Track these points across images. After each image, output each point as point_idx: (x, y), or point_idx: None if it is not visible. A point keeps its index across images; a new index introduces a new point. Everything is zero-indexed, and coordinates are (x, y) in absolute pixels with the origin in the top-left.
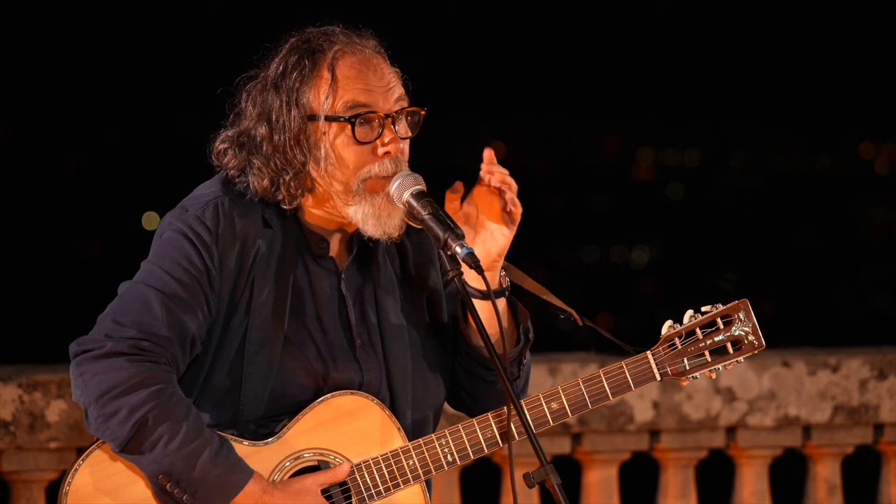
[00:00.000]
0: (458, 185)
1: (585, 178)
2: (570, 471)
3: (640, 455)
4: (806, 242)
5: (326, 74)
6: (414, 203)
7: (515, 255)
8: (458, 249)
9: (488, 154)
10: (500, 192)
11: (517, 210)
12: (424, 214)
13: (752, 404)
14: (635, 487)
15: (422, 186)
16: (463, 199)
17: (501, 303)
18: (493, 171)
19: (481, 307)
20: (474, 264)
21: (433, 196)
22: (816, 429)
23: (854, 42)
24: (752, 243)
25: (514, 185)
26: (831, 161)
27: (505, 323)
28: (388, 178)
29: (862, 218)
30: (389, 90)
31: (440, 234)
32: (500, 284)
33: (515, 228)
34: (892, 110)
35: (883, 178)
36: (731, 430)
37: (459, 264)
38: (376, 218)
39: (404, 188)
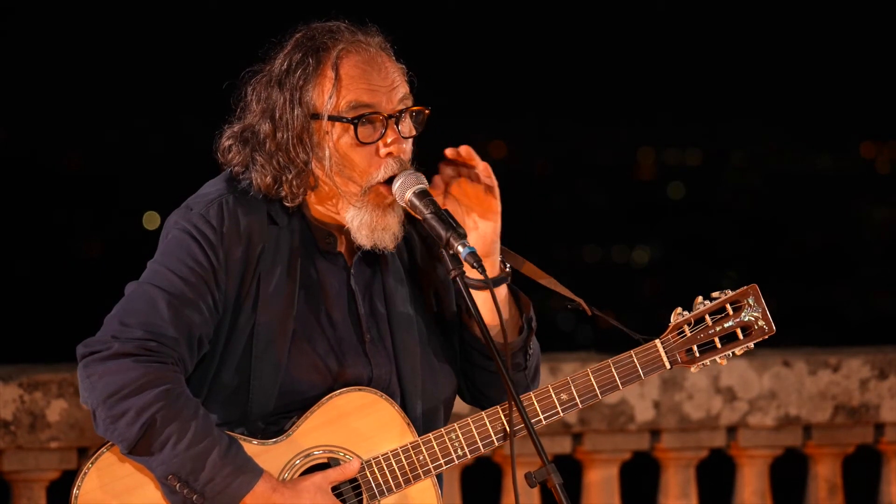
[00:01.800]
0: (437, 181)
1: (586, 177)
2: (570, 470)
3: (641, 455)
4: (807, 242)
5: (330, 73)
6: (416, 202)
7: (517, 254)
8: (460, 249)
9: (466, 151)
10: (480, 180)
11: (495, 187)
12: (427, 213)
13: (753, 404)
14: (636, 487)
15: (424, 185)
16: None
17: (503, 290)
18: (474, 163)
19: (482, 299)
20: (477, 263)
21: None
22: (817, 428)
23: (854, 42)
24: (753, 243)
25: (489, 168)
26: (832, 160)
27: (506, 312)
28: (390, 182)
29: (863, 217)
30: (393, 90)
31: (442, 233)
32: (501, 270)
33: (499, 205)
34: (893, 110)
35: (884, 178)
36: (731, 430)
37: (462, 263)
38: (370, 229)
39: (406, 187)
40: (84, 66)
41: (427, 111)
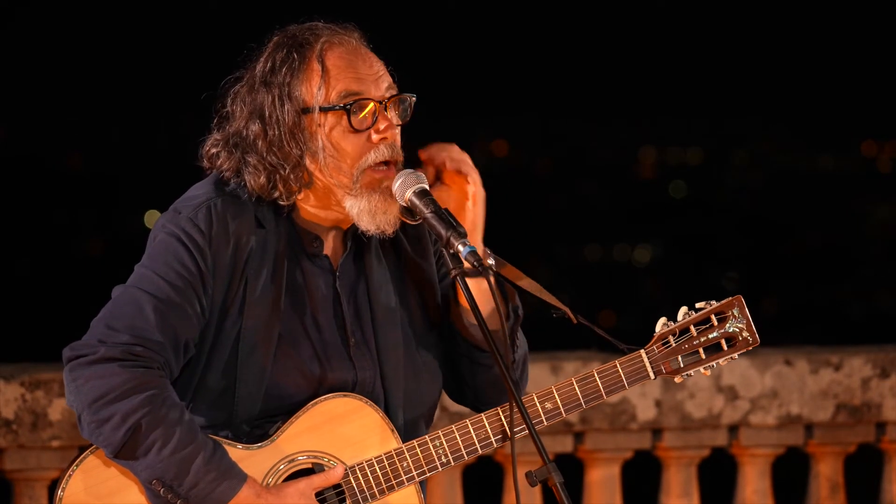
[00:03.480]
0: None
1: (587, 176)
2: (572, 469)
3: (643, 453)
4: (808, 241)
5: (317, 66)
6: (416, 201)
7: (518, 253)
8: (460, 248)
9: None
10: (462, 172)
11: (477, 178)
12: (427, 213)
13: (755, 403)
14: (637, 486)
15: (424, 185)
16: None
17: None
18: (447, 156)
19: (471, 288)
20: (477, 262)
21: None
22: (819, 427)
23: (856, 40)
24: (755, 242)
25: (468, 159)
26: (833, 159)
27: (492, 301)
28: (385, 165)
29: (864, 216)
30: (379, 78)
31: (442, 232)
32: (484, 258)
33: (474, 189)
34: (894, 109)
35: (885, 177)
36: (733, 429)
37: (462, 262)
38: (371, 214)
39: (406, 186)
40: (85, 65)
41: (413, 98)
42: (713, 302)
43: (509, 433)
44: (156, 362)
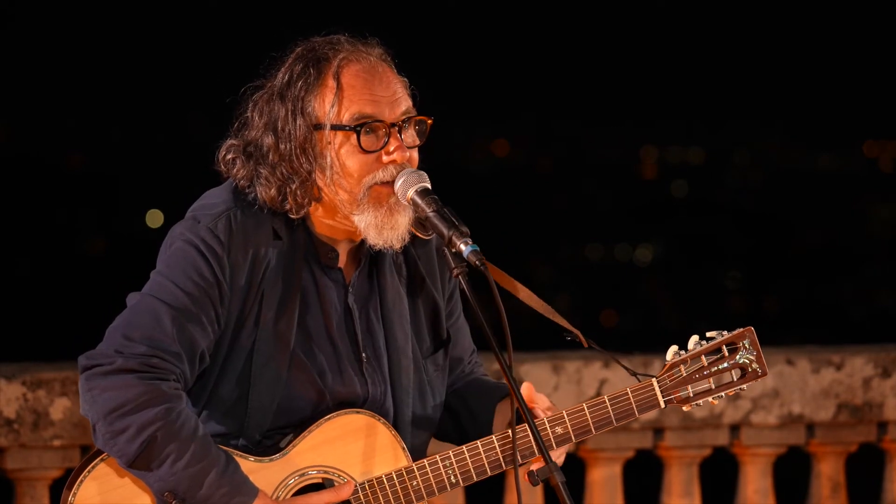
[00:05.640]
0: None
1: (589, 175)
2: (574, 469)
3: (644, 453)
4: (810, 240)
5: (332, 83)
6: (418, 200)
7: (520, 253)
8: (462, 247)
9: None
10: None
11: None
12: (429, 212)
13: (756, 402)
14: (639, 485)
15: (426, 184)
16: None
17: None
18: None
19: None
20: (479, 262)
21: (437, 194)
22: (820, 427)
23: (857, 40)
24: (756, 241)
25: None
26: (835, 159)
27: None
28: (392, 184)
29: (865, 216)
30: (396, 101)
31: (444, 231)
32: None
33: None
34: (894, 108)
35: (886, 176)
36: (734, 428)
37: (464, 261)
38: (377, 228)
39: (408, 185)
40: (87, 64)
41: (430, 121)
42: (724, 332)
43: (511, 430)
44: (172, 374)
